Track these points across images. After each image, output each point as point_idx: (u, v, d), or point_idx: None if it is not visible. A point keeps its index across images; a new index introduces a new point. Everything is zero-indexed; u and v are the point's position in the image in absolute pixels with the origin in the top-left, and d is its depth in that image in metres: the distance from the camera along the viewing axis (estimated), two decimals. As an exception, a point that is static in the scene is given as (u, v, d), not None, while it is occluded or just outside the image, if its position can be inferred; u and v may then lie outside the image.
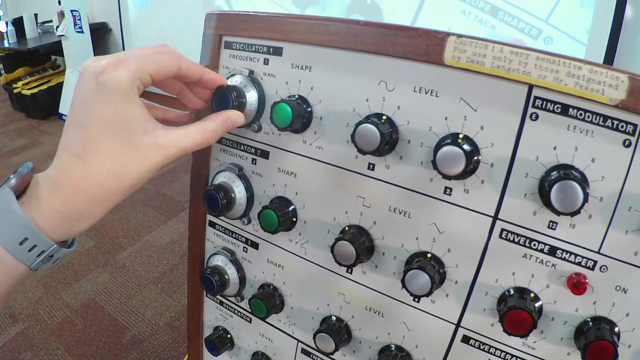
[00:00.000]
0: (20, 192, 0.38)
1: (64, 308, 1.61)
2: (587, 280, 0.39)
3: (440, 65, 0.40)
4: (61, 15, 3.21)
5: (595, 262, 0.38)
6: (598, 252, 0.38)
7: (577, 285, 0.39)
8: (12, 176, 0.38)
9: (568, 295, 0.40)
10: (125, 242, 1.98)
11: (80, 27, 3.28)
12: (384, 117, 0.43)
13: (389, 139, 0.42)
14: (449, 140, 0.38)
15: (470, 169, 0.39)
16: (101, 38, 3.79)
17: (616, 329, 0.39)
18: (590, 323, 0.40)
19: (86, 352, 1.42)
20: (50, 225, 0.37)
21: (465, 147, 0.37)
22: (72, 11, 3.19)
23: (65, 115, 3.34)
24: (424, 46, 0.41)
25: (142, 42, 3.59)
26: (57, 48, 3.38)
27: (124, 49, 3.69)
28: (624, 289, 0.38)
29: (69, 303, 1.63)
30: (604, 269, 0.38)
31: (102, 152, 0.38)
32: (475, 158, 0.39)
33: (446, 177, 0.38)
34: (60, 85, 3.40)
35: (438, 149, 0.38)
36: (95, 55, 3.39)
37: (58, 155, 0.39)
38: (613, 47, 1.93)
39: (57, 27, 3.24)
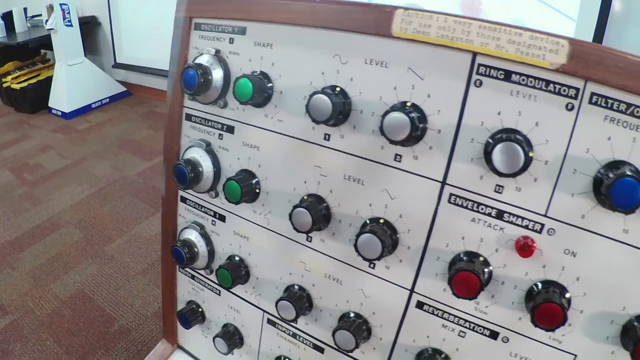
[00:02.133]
0: None
1: (53, 299, 1.61)
2: (534, 244, 0.40)
3: (389, 37, 0.42)
4: (50, 9, 3.19)
5: (543, 225, 0.40)
6: (545, 215, 0.40)
7: (524, 248, 0.41)
8: None
9: (517, 259, 0.41)
10: (114, 233, 1.99)
11: (70, 21, 3.27)
12: (338, 89, 0.45)
13: (341, 109, 0.43)
14: (395, 107, 0.40)
15: (417, 135, 0.41)
16: (90, 32, 3.78)
17: (567, 295, 0.40)
18: (540, 286, 0.41)
19: (75, 342, 1.43)
20: None
21: (412, 114, 0.39)
22: (61, 5, 3.18)
23: (55, 109, 3.33)
24: (374, 20, 0.42)
25: (131, 35, 3.58)
26: (46, 42, 3.36)
27: (113, 43, 3.69)
28: (572, 252, 0.39)
29: (58, 294, 1.64)
30: (551, 232, 0.40)
31: None
32: (422, 125, 0.41)
33: (393, 142, 0.40)
34: (49, 79, 3.39)
35: (384, 117, 0.39)
36: (84, 49, 3.39)
37: None
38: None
39: (47, 20, 3.22)
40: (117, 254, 1.86)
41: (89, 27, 3.73)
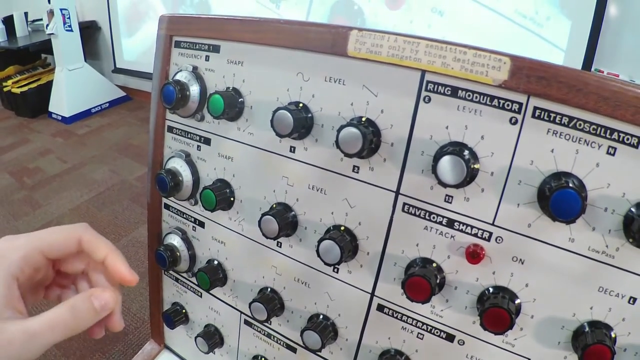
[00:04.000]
0: None
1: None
2: (484, 251, 0.43)
3: (345, 56, 0.45)
4: (51, 13, 3.23)
5: (491, 233, 0.42)
6: (492, 224, 0.42)
7: (473, 255, 0.43)
8: None
9: (468, 266, 0.44)
10: (113, 237, 2.01)
11: (70, 26, 3.31)
12: (301, 105, 0.48)
13: (304, 123, 0.46)
14: (350, 123, 0.43)
15: (372, 148, 0.44)
16: (90, 36, 3.82)
17: (517, 300, 0.42)
18: (491, 292, 0.43)
19: (72, 346, 1.46)
20: None
21: (363, 128, 0.42)
22: (61, 9, 3.22)
23: (55, 114, 3.37)
24: (331, 40, 0.45)
25: (131, 40, 3.62)
26: (47, 46, 3.40)
27: (112, 47, 3.73)
28: (520, 259, 0.41)
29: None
30: (499, 240, 0.42)
31: None
32: (376, 138, 0.44)
33: (348, 155, 0.43)
34: (50, 84, 3.43)
35: (339, 131, 0.42)
36: (84, 53, 3.43)
37: None
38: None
39: (47, 25, 3.27)
40: (115, 257, 1.89)
41: (89, 32, 3.77)
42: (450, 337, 0.47)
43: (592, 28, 1.94)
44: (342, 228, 0.49)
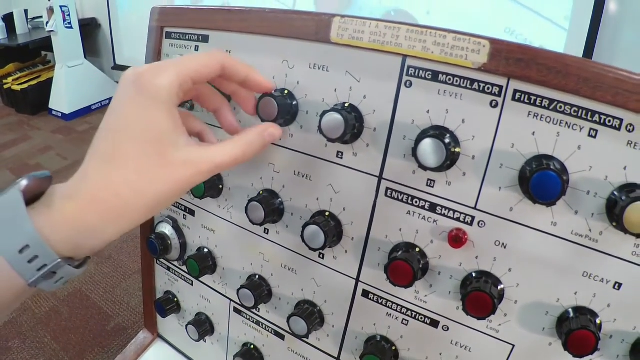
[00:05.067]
0: (31, 200, 0.33)
1: (51, 298, 1.65)
2: (466, 235, 0.43)
3: (329, 43, 0.45)
4: (51, 11, 3.23)
5: (473, 217, 0.42)
6: (475, 208, 0.42)
7: (455, 240, 0.43)
8: (23, 178, 0.33)
9: (451, 251, 0.44)
10: (111, 232, 2.02)
11: (70, 23, 3.31)
12: (286, 92, 0.48)
13: (289, 110, 0.47)
14: (333, 109, 0.43)
15: (355, 133, 0.44)
16: (91, 33, 3.82)
17: (500, 286, 0.42)
18: (474, 276, 0.43)
19: (72, 340, 1.47)
20: (57, 236, 0.32)
21: (346, 113, 0.42)
22: (61, 7, 3.22)
23: (55, 111, 3.38)
24: (315, 27, 0.46)
25: (132, 37, 3.62)
26: (47, 44, 3.40)
27: (112, 45, 3.73)
28: (503, 244, 0.41)
29: (55, 293, 1.66)
30: (482, 224, 0.42)
31: (126, 160, 0.33)
32: (359, 124, 0.44)
33: (330, 140, 0.43)
34: (50, 81, 3.43)
35: (322, 117, 0.43)
36: (84, 50, 3.43)
37: (84, 161, 0.34)
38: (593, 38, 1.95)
39: (47, 22, 3.27)
40: (115, 254, 1.89)
41: (89, 29, 3.77)
42: (434, 323, 0.47)
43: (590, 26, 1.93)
44: (327, 214, 0.49)
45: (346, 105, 0.45)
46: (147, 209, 0.34)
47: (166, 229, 0.65)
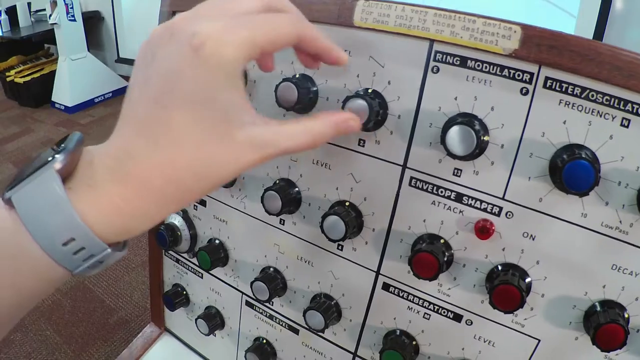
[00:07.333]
0: (66, 175, 0.28)
1: (54, 291, 1.65)
2: (493, 227, 0.41)
3: (351, 27, 0.44)
4: (54, 3, 3.21)
5: (501, 208, 0.41)
6: (502, 199, 0.41)
7: (482, 230, 0.42)
8: (57, 154, 0.28)
9: (477, 242, 0.42)
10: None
11: (73, 16, 3.29)
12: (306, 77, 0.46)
13: (309, 95, 0.45)
14: (356, 94, 0.42)
15: (378, 120, 0.43)
16: (94, 26, 3.80)
17: (528, 278, 0.41)
18: (500, 269, 0.42)
19: (74, 333, 1.46)
20: (103, 223, 0.28)
21: (370, 99, 0.41)
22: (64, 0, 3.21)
23: (58, 104, 3.36)
24: (336, 11, 0.44)
25: (135, 31, 3.61)
26: (50, 36, 3.38)
27: (116, 38, 3.71)
28: (531, 235, 0.40)
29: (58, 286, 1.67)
30: (509, 215, 0.41)
31: (186, 141, 0.29)
32: (383, 110, 0.43)
33: (355, 128, 0.41)
34: (53, 74, 3.41)
35: (345, 103, 0.41)
36: (87, 43, 3.42)
37: (121, 132, 0.30)
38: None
39: (50, 15, 3.25)
40: (118, 246, 1.89)
41: (92, 22, 3.76)
42: (457, 317, 0.46)
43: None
44: (347, 204, 0.47)
45: (369, 91, 0.43)
46: (203, 192, 0.31)
47: (176, 219, 0.64)
